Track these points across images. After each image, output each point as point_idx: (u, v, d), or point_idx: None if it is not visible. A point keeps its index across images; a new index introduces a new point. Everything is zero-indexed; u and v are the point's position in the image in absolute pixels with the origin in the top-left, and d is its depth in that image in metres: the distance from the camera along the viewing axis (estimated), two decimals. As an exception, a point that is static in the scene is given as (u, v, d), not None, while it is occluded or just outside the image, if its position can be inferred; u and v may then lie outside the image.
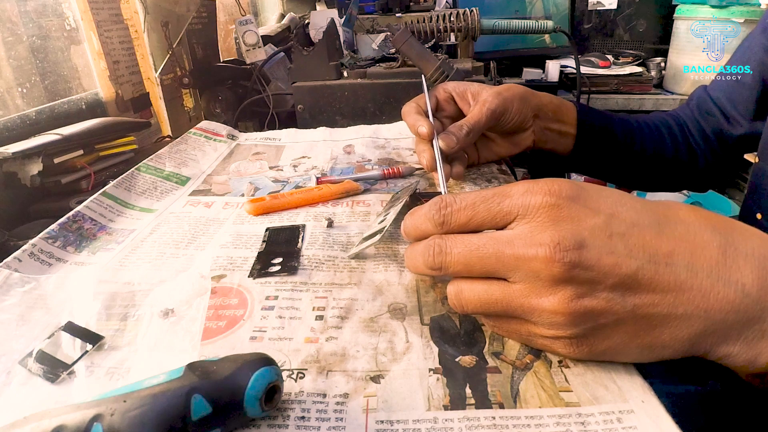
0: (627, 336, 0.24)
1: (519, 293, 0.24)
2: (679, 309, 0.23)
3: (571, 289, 0.23)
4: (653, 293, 0.23)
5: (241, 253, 0.41)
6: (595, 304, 0.23)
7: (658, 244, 0.23)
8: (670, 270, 0.23)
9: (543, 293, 0.23)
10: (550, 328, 0.25)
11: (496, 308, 0.26)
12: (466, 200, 0.26)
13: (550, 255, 0.22)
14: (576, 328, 0.24)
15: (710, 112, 0.58)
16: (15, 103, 0.68)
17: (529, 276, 0.24)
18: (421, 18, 0.86)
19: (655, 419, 0.24)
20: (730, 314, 0.23)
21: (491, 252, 0.25)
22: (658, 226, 0.24)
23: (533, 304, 0.24)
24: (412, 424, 0.25)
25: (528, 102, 0.51)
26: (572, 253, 0.22)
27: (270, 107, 0.87)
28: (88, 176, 0.61)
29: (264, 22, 1.68)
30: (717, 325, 0.23)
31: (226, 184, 0.57)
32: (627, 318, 0.23)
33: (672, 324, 0.23)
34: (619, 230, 0.23)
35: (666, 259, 0.23)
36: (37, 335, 0.32)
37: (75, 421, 0.21)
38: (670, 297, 0.23)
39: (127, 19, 0.84)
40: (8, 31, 0.68)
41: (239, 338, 0.31)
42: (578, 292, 0.23)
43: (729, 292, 0.23)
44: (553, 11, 1.73)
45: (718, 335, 0.23)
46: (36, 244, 0.41)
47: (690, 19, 1.53)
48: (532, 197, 0.24)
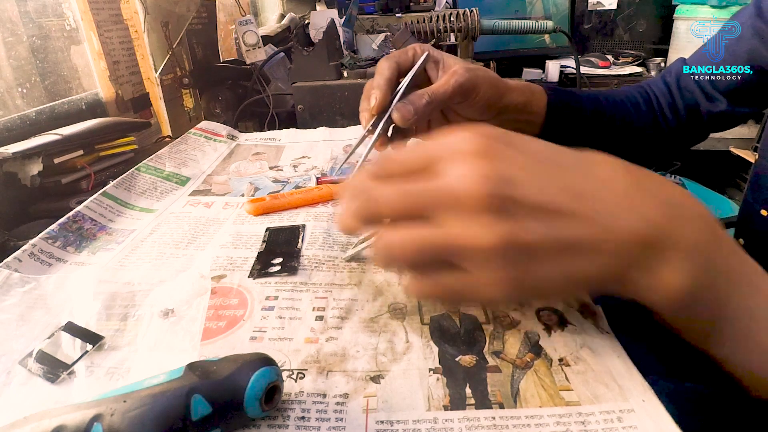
0: (553, 267, 0.25)
1: (451, 232, 0.24)
2: (592, 235, 0.25)
3: (500, 223, 0.23)
4: (571, 220, 0.24)
5: (241, 253, 0.41)
6: (524, 235, 0.24)
7: (577, 180, 0.26)
8: (585, 200, 0.25)
9: (474, 229, 0.24)
10: (480, 269, 0.25)
11: (426, 253, 0.25)
12: (395, 154, 0.27)
13: (481, 190, 0.23)
14: (506, 262, 0.24)
15: (689, 88, 0.57)
16: (15, 103, 0.68)
17: (460, 213, 0.24)
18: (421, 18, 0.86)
19: (656, 418, 0.24)
20: (636, 243, 0.25)
21: (421, 190, 0.25)
22: (577, 165, 0.27)
23: (466, 241, 0.24)
24: (412, 424, 0.25)
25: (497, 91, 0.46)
26: (500, 187, 0.24)
27: (270, 107, 0.87)
28: (88, 176, 0.61)
29: (264, 22, 1.68)
30: (627, 250, 0.25)
31: (226, 184, 0.57)
32: (552, 248, 0.24)
33: (587, 250, 0.25)
34: (541, 167, 0.25)
35: (581, 191, 0.25)
36: (37, 335, 0.32)
37: (75, 421, 0.21)
38: (584, 224, 0.25)
39: (127, 19, 0.84)
40: (8, 31, 0.68)
41: (239, 338, 0.31)
42: (508, 225, 0.23)
43: (635, 220, 0.25)
44: (553, 11, 1.73)
45: (629, 261, 0.25)
46: (36, 244, 0.41)
47: (690, 19, 1.53)
48: (459, 139, 0.25)
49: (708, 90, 0.56)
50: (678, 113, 0.58)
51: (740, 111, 0.55)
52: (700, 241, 0.26)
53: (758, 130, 1.53)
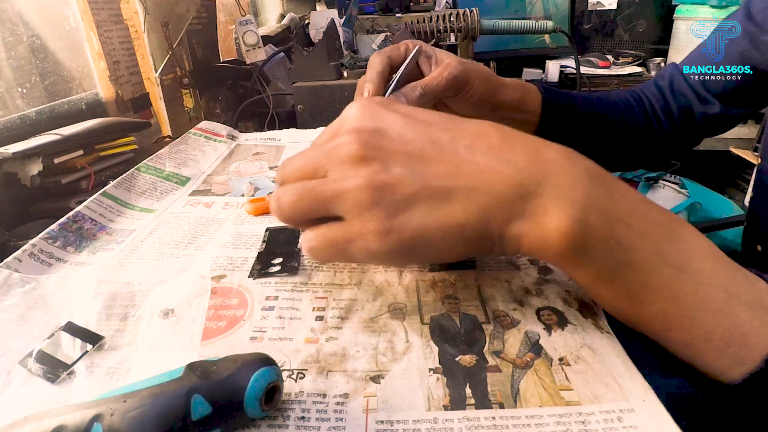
0: (424, 213, 0.26)
1: (330, 180, 0.27)
2: (461, 181, 0.26)
3: (368, 168, 0.26)
4: (437, 167, 0.26)
5: (241, 253, 0.41)
6: (389, 178, 0.26)
7: (443, 133, 0.28)
8: (451, 148, 0.27)
9: (347, 176, 0.26)
10: (357, 215, 0.26)
11: (308, 202, 0.27)
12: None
13: (353, 140, 0.27)
14: (378, 206, 0.26)
15: (682, 91, 0.58)
16: (15, 103, 0.68)
17: (337, 162, 0.27)
18: (421, 18, 0.86)
19: (656, 418, 0.24)
20: (508, 187, 0.26)
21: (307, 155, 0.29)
22: (445, 122, 0.29)
23: (340, 186, 0.26)
24: (412, 424, 0.25)
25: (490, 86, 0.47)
26: (368, 135, 0.27)
27: (270, 107, 0.87)
28: (88, 176, 0.61)
29: (264, 22, 1.68)
30: (499, 197, 0.26)
31: (226, 184, 0.57)
32: (419, 191, 0.26)
33: (460, 197, 0.26)
34: (410, 122, 0.28)
35: (448, 141, 0.27)
36: (37, 335, 0.32)
37: (75, 421, 0.21)
38: (451, 169, 0.26)
39: (127, 19, 0.84)
40: (8, 31, 0.68)
41: (239, 338, 0.31)
42: (374, 170, 0.26)
43: (504, 167, 0.26)
44: (553, 11, 1.73)
45: (504, 210, 0.26)
46: (36, 244, 0.41)
47: (690, 19, 1.53)
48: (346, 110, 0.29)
49: (701, 92, 0.56)
50: (672, 116, 0.58)
51: (733, 113, 0.55)
52: (576, 184, 0.26)
53: (758, 131, 1.53)
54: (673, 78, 0.59)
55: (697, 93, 0.56)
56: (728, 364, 0.25)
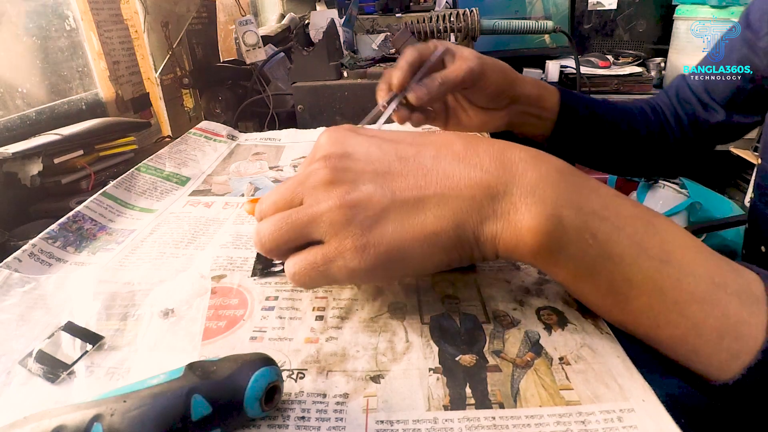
0: (398, 225, 0.27)
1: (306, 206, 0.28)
2: (429, 190, 0.27)
3: (339, 189, 0.27)
4: (404, 180, 0.27)
5: (241, 253, 0.41)
6: (360, 195, 0.27)
7: (408, 147, 0.29)
8: (417, 161, 0.28)
9: (321, 199, 0.27)
10: (333, 235, 0.27)
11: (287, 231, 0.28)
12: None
13: (321, 165, 0.28)
14: (352, 224, 0.26)
15: (687, 99, 0.59)
16: (15, 103, 0.68)
17: (310, 189, 0.28)
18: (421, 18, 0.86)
19: (656, 418, 0.24)
20: (476, 190, 0.26)
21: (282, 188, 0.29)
22: (411, 137, 0.30)
23: (315, 210, 0.27)
24: (412, 424, 0.25)
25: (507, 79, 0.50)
26: (336, 160, 0.28)
27: (270, 107, 0.87)
28: (88, 176, 0.61)
29: (264, 22, 1.68)
30: (469, 201, 0.26)
31: (226, 184, 0.57)
32: (390, 206, 0.27)
33: (431, 207, 0.27)
34: (376, 142, 0.29)
35: (414, 155, 0.28)
36: (37, 335, 0.32)
37: (75, 421, 0.21)
38: (419, 180, 0.27)
39: (127, 19, 0.84)
40: (8, 31, 0.68)
41: (239, 338, 0.31)
42: (344, 189, 0.27)
43: (470, 171, 0.27)
44: (553, 11, 1.73)
45: (476, 212, 0.26)
46: (36, 244, 0.41)
47: (690, 19, 1.53)
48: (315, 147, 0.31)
49: (704, 99, 0.57)
50: (681, 124, 0.59)
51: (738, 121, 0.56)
52: (545, 181, 0.26)
53: (758, 131, 1.53)
54: (679, 88, 0.61)
55: (701, 100, 0.58)
56: (725, 359, 0.25)
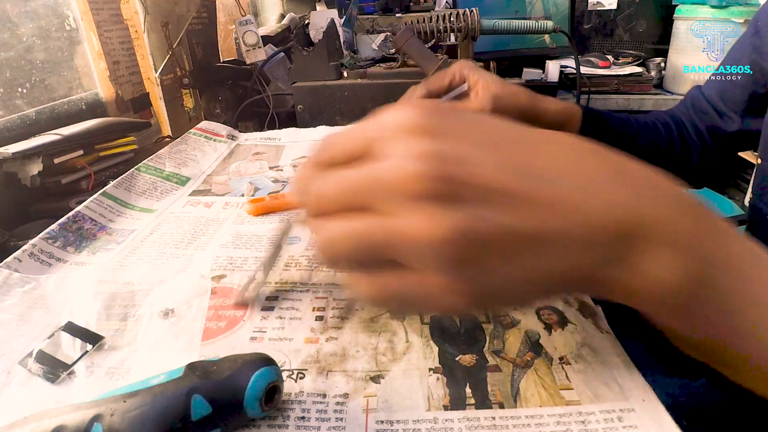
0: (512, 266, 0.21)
1: (392, 223, 0.21)
2: (556, 224, 0.21)
3: (449, 210, 0.20)
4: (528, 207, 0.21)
5: (241, 253, 0.41)
6: (478, 225, 0.20)
7: (533, 159, 0.22)
8: (545, 184, 0.21)
9: (419, 218, 0.20)
10: (435, 265, 0.21)
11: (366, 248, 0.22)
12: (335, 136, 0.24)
13: (423, 171, 0.20)
14: (459, 258, 0.20)
15: (704, 110, 0.59)
16: (15, 103, 0.68)
17: (402, 200, 0.20)
18: (421, 18, 0.86)
19: (656, 418, 0.24)
20: (609, 230, 0.21)
21: (357, 176, 0.22)
22: (539, 144, 0.23)
23: (409, 233, 0.20)
24: (412, 424, 0.25)
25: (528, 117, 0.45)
26: (446, 167, 0.20)
27: (270, 107, 0.87)
28: (88, 176, 0.61)
29: (264, 22, 1.68)
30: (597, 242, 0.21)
31: (226, 184, 0.57)
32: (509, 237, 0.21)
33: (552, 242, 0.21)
34: (490, 143, 0.22)
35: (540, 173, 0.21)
36: (37, 335, 0.32)
37: (75, 421, 0.21)
38: (545, 210, 0.21)
39: (127, 19, 0.84)
40: (8, 31, 0.68)
41: (239, 338, 0.31)
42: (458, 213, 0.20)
43: (606, 205, 0.21)
44: (553, 11, 1.73)
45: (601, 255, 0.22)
46: (36, 244, 0.41)
47: (690, 19, 1.53)
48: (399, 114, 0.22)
49: (720, 108, 0.57)
50: (701, 135, 0.59)
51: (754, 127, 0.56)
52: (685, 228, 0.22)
53: (758, 130, 1.53)
54: (694, 99, 0.60)
55: (717, 109, 0.58)
56: None
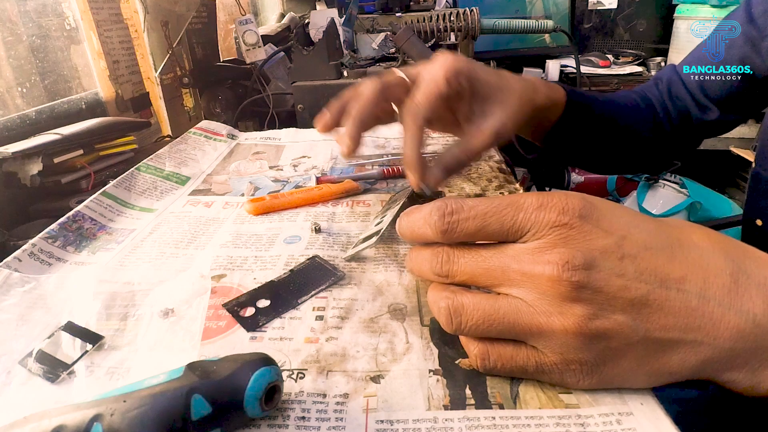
0: (636, 361, 0.23)
1: (527, 310, 0.24)
2: (689, 335, 0.23)
3: (581, 310, 0.22)
4: (664, 318, 0.22)
5: (240, 252, 0.41)
6: (607, 325, 0.22)
7: (670, 269, 0.23)
8: (682, 296, 0.23)
9: (552, 313, 0.23)
10: (559, 353, 0.24)
11: (499, 326, 0.24)
12: (476, 210, 0.25)
13: (558, 274, 0.22)
14: (587, 351, 0.23)
15: (680, 96, 0.57)
16: (15, 103, 0.68)
17: (536, 294, 0.23)
18: (422, 17, 0.86)
19: (654, 422, 0.24)
20: (739, 342, 0.23)
21: (497, 265, 0.24)
22: (670, 250, 0.24)
23: (541, 322, 0.23)
24: (412, 423, 0.25)
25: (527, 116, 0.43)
26: (580, 274, 0.22)
27: (270, 107, 0.87)
28: (88, 176, 0.61)
29: (264, 21, 1.68)
30: (725, 353, 0.23)
31: (226, 183, 0.57)
32: (637, 342, 0.23)
33: (681, 350, 0.23)
34: (630, 252, 0.23)
35: (677, 284, 0.23)
36: (37, 335, 0.32)
37: (75, 421, 0.21)
38: (680, 323, 0.22)
39: (127, 19, 0.84)
40: (8, 31, 0.68)
41: (239, 338, 0.31)
42: (589, 313, 0.22)
43: (740, 321, 0.22)
44: (553, 11, 1.73)
45: (725, 362, 0.23)
46: (36, 244, 0.41)
47: (690, 18, 1.53)
48: (546, 213, 0.23)
49: (700, 98, 0.56)
50: (671, 118, 0.58)
51: (731, 118, 0.55)
52: None
53: (758, 131, 1.53)
54: (671, 83, 0.59)
55: (696, 99, 0.56)
56: None
